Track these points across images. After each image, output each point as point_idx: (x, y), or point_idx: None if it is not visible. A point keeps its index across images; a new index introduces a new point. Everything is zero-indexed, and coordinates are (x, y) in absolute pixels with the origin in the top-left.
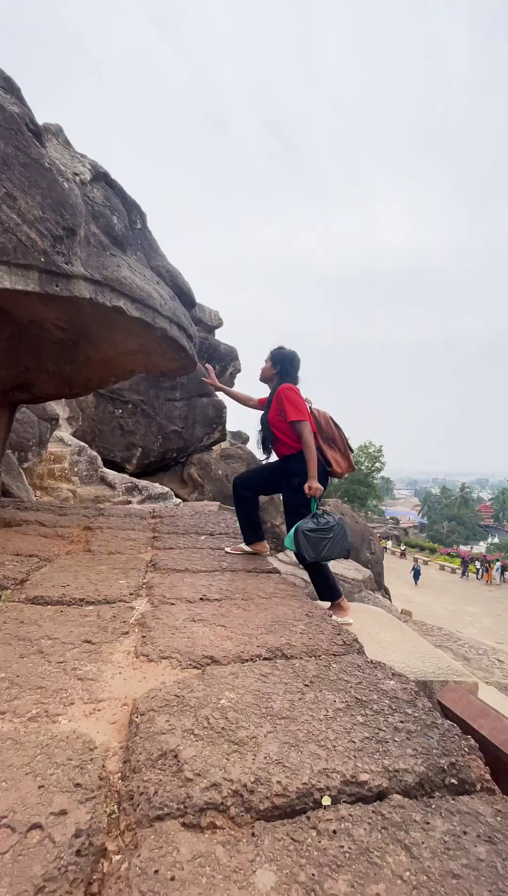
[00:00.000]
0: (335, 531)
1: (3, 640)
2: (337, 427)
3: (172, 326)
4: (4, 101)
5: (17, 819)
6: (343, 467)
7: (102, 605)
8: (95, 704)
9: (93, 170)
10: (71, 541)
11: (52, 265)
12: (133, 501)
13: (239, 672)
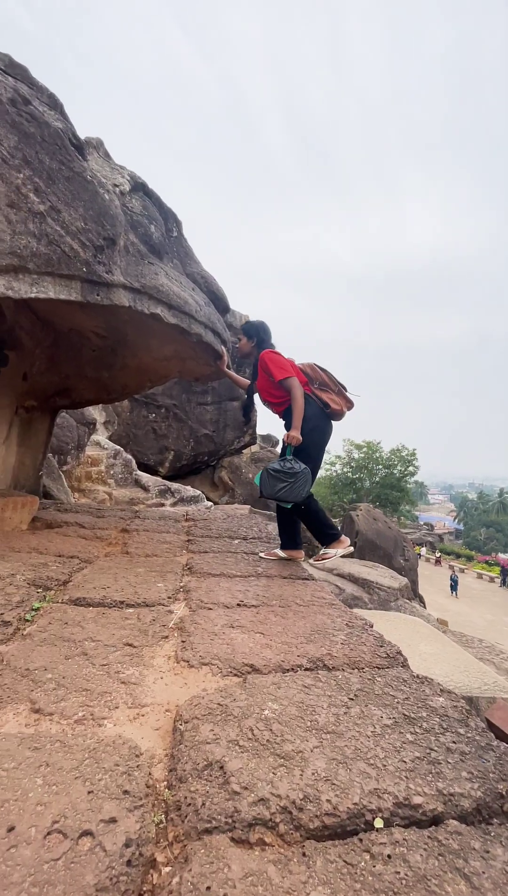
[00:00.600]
0: (296, 477)
1: (50, 641)
2: (324, 371)
3: (206, 332)
4: (49, 118)
5: (69, 825)
6: (341, 404)
7: (142, 608)
8: (138, 709)
9: (131, 180)
10: (109, 543)
11: (93, 275)
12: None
13: (281, 682)
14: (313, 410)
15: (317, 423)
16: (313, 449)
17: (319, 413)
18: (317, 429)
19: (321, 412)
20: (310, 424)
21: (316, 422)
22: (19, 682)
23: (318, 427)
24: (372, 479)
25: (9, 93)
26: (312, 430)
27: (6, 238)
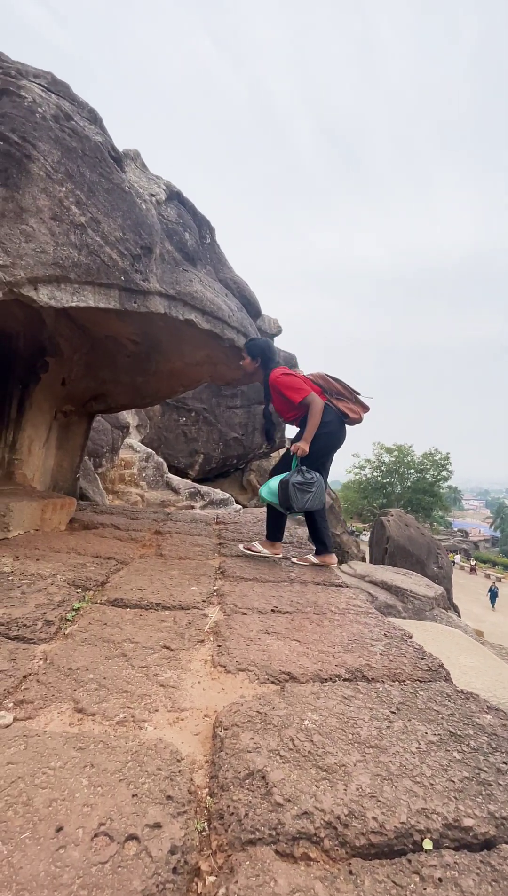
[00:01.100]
0: (316, 486)
1: (90, 642)
2: (337, 381)
3: (239, 336)
4: (89, 132)
5: (115, 828)
6: (359, 412)
7: (177, 610)
8: (177, 713)
9: (167, 189)
10: (143, 544)
11: (131, 283)
12: (196, 506)
13: (320, 692)
14: (331, 417)
15: (332, 428)
16: (325, 454)
17: (336, 420)
18: (331, 434)
19: (338, 419)
20: (326, 429)
21: (331, 427)
22: (63, 681)
23: (332, 433)
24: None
25: (52, 109)
26: (326, 435)
27: (49, 250)
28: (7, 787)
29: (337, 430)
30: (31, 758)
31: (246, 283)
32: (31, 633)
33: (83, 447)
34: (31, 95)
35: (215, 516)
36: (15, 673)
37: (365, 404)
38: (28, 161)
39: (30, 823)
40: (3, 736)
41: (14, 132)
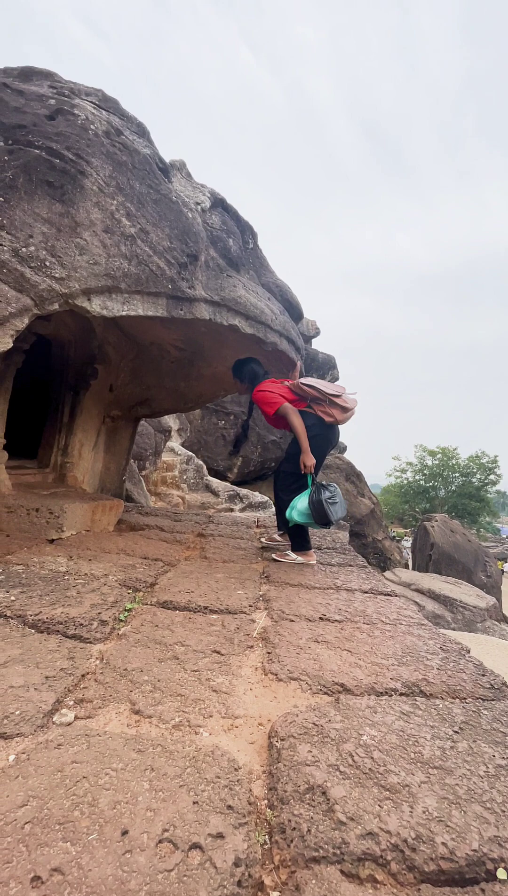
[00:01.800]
0: (338, 496)
1: (143, 643)
2: (311, 387)
3: (282, 340)
4: (138, 145)
5: (179, 835)
6: (334, 415)
7: (225, 614)
8: (232, 720)
9: (212, 197)
10: (188, 547)
11: (177, 291)
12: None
13: (376, 707)
14: (313, 421)
15: (318, 431)
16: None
17: (318, 424)
18: (319, 437)
19: (321, 422)
20: (311, 433)
21: (317, 430)
22: (119, 681)
23: (320, 435)
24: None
25: (103, 125)
26: (314, 438)
27: (102, 261)
28: (73, 787)
29: (321, 433)
30: (94, 758)
31: (288, 286)
32: (88, 632)
33: (129, 450)
34: (83, 113)
35: (256, 519)
36: (74, 671)
37: (343, 406)
38: (82, 177)
39: (96, 825)
40: (66, 734)
41: (69, 149)
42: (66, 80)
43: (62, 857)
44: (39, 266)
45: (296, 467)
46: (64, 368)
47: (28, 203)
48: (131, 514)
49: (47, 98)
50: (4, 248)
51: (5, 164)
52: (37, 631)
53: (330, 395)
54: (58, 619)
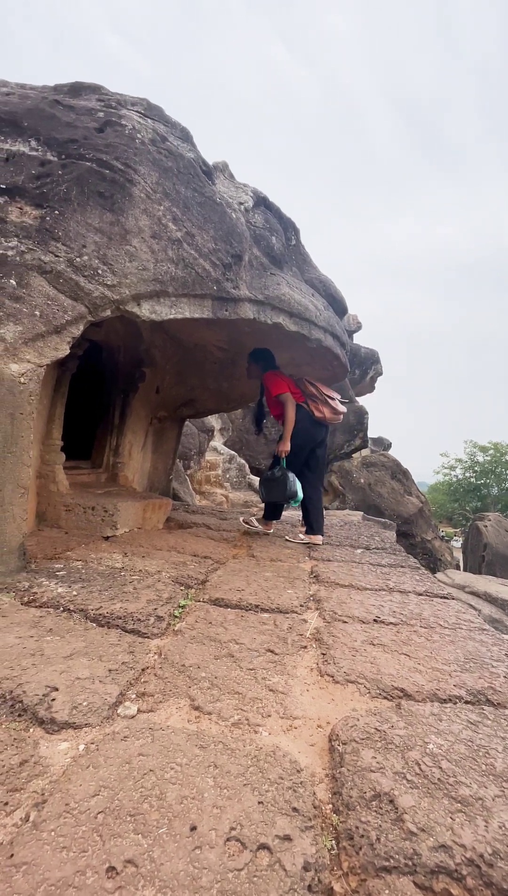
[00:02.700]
0: (278, 482)
1: (198, 640)
2: (314, 385)
3: (326, 336)
4: (183, 150)
5: (246, 835)
6: (324, 412)
7: (276, 613)
8: (290, 721)
9: (254, 196)
10: (234, 545)
11: (222, 292)
12: None
13: (441, 714)
14: (303, 415)
15: (306, 425)
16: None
17: (306, 419)
18: (304, 430)
19: (309, 417)
20: (300, 425)
21: (305, 424)
22: (177, 677)
23: (306, 429)
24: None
25: (149, 133)
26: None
27: (150, 267)
28: (141, 779)
29: (308, 426)
30: (159, 751)
31: (331, 281)
32: (145, 627)
33: (175, 450)
34: (130, 123)
35: (300, 519)
36: (135, 665)
37: (334, 408)
38: (130, 185)
39: (165, 819)
40: (131, 727)
41: (118, 159)
42: (112, 93)
43: (135, 850)
44: (92, 274)
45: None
46: (114, 372)
47: (81, 214)
48: (179, 512)
49: (96, 111)
50: (60, 259)
51: (60, 179)
52: (98, 625)
53: (326, 395)
54: (117, 614)
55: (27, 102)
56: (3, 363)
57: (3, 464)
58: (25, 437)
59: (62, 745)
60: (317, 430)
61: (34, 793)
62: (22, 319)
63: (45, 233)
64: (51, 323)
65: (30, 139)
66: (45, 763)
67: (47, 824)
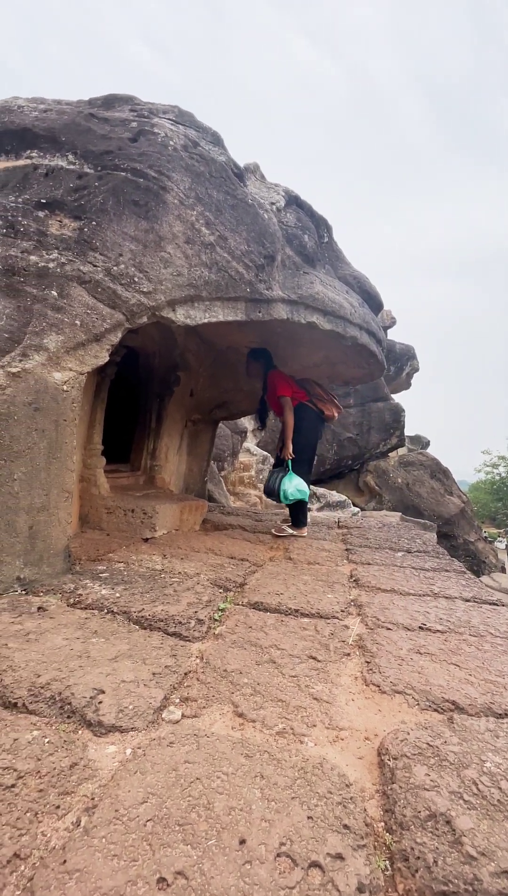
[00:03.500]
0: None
1: (239, 644)
2: (318, 385)
3: (362, 333)
4: (214, 154)
5: (296, 851)
6: (332, 410)
7: (317, 618)
8: (336, 731)
9: (286, 195)
10: (271, 547)
11: (256, 293)
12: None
13: (497, 730)
14: (308, 414)
15: (315, 424)
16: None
17: (315, 418)
18: (313, 428)
19: (316, 417)
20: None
21: (314, 423)
22: (220, 682)
23: (314, 427)
24: None
25: (181, 140)
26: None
27: (184, 272)
28: (188, 787)
29: (316, 425)
30: (205, 759)
31: (366, 277)
32: (186, 630)
33: (210, 452)
34: (162, 131)
35: (337, 520)
36: (177, 669)
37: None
38: (164, 192)
39: (214, 830)
40: (176, 733)
41: (151, 168)
42: (144, 102)
43: (184, 861)
44: (129, 282)
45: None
46: (150, 377)
47: (117, 224)
48: (214, 513)
49: (129, 122)
50: (98, 269)
51: (96, 190)
52: (141, 627)
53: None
54: (159, 617)
55: (64, 118)
56: (46, 372)
57: (48, 469)
58: (69, 443)
59: (110, 749)
60: (322, 428)
61: (84, 797)
62: (63, 329)
63: (83, 244)
64: (91, 331)
65: (67, 153)
66: (93, 766)
67: (98, 830)
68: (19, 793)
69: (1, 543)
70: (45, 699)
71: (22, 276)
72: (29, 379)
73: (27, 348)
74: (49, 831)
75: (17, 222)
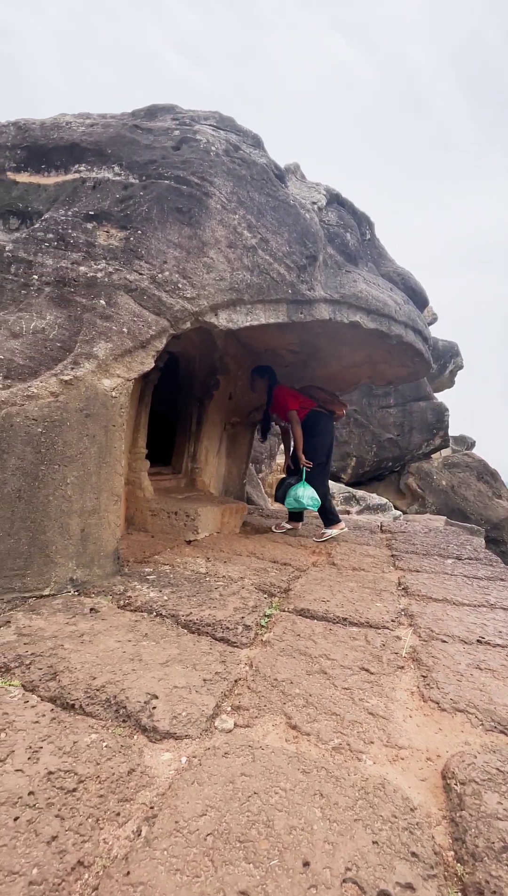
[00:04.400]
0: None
1: (288, 653)
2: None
3: (407, 331)
4: (255, 156)
5: (363, 878)
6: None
7: (366, 628)
8: (395, 750)
9: (327, 194)
10: (313, 551)
11: (297, 294)
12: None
13: None
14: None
15: (328, 426)
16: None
17: (327, 420)
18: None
19: (329, 419)
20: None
21: (328, 427)
22: (271, 691)
23: (327, 430)
24: None
25: (222, 145)
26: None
27: (226, 276)
28: (246, 802)
29: (331, 428)
30: (261, 773)
31: (410, 273)
32: (234, 636)
33: (248, 455)
34: (204, 137)
35: (380, 524)
36: (227, 676)
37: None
38: (207, 198)
39: (275, 849)
40: (231, 743)
41: (194, 174)
42: (185, 110)
43: (247, 881)
44: (173, 289)
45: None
46: (190, 381)
47: (161, 231)
48: (254, 516)
49: (172, 130)
50: (144, 277)
51: (141, 200)
52: (189, 631)
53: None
54: (206, 621)
55: (109, 131)
56: (96, 379)
57: (98, 473)
58: (117, 448)
59: (165, 756)
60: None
61: (143, 805)
62: (112, 337)
63: (129, 252)
64: (137, 338)
65: (113, 165)
66: (150, 774)
67: (159, 842)
68: (81, 797)
69: (55, 545)
70: (101, 702)
71: (72, 286)
72: (80, 386)
73: (78, 356)
74: (111, 839)
75: (67, 235)
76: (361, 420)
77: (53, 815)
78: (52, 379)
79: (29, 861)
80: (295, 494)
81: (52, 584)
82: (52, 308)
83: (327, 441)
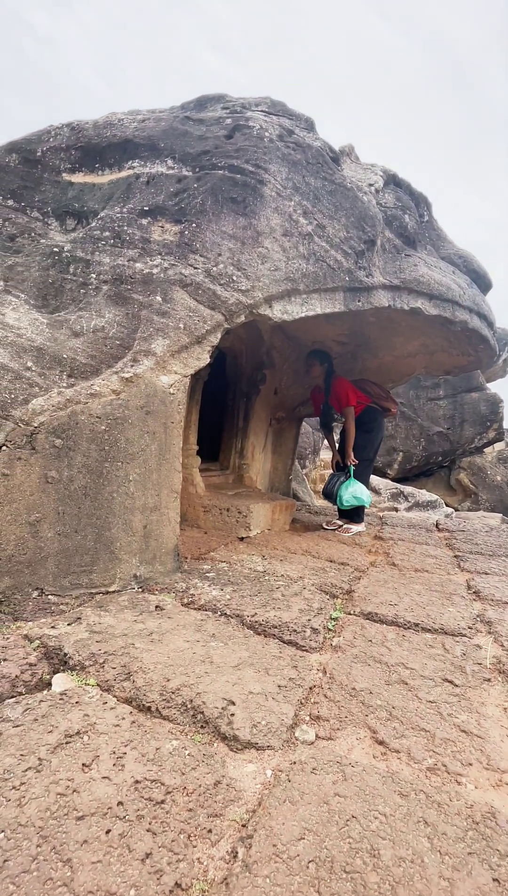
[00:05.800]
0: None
1: (362, 660)
2: (376, 385)
3: (472, 317)
4: (309, 140)
5: None
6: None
7: (442, 635)
8: (498, 774)
9: (384, 175)
10: (369, 550)
11: (355, 282)
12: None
13: None
14: (376, 416)
15: (378, 423)
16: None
17: (380, 416)
18: (379, 428)
19: (380, 415)
20: (373, 425)
21: (378, 423)
22: (350, 701)
23: (380, 426)
24: None
25: (276, 130)
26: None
27: (282, 266)
28: (345, 826)
29: (382, 424)
30: (355, 794)
31: (472, 255)
32: (302, 639)
33: (294, 450)
34: (257, 123)
35: (435, 523)
36: (302, 683)
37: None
38: (261, 186)
39: (387, 884)
40: (317, 758)
41: (248, 162)
42: (236, 98)
43: None
44: (228, 282)
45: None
46: (237, 377)
47: (215, 223)
48: (301, 513)
49: (223, 119)
50: (198, 271)
51: (195, 192)
52: (255, 633)
53: (388, 392)
54: (272, 623)
55: (161, 124)
56: (155, 376)
57: (158, 470)
58: (176, 445)
59: (249, 767)
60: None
61: (233, 822)
62: (169, 333)
63: (184, 247)
64: (193, 334)
65: (166, 159)
66: (236, 787)
67: (259, 868)
68: (169, 810)
69: (120, 542)
70: (177, 705)
71: (129, 283)
72: (140, 383)
73: (137, 353)
74: (205, 858)
75: (122, 232)
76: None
77: (145, 830)
78: (113, 377)
79: (126, 881)
80: (351, 492)
81: (118, 580)
82: (110, 306)
83: (378, 439)
